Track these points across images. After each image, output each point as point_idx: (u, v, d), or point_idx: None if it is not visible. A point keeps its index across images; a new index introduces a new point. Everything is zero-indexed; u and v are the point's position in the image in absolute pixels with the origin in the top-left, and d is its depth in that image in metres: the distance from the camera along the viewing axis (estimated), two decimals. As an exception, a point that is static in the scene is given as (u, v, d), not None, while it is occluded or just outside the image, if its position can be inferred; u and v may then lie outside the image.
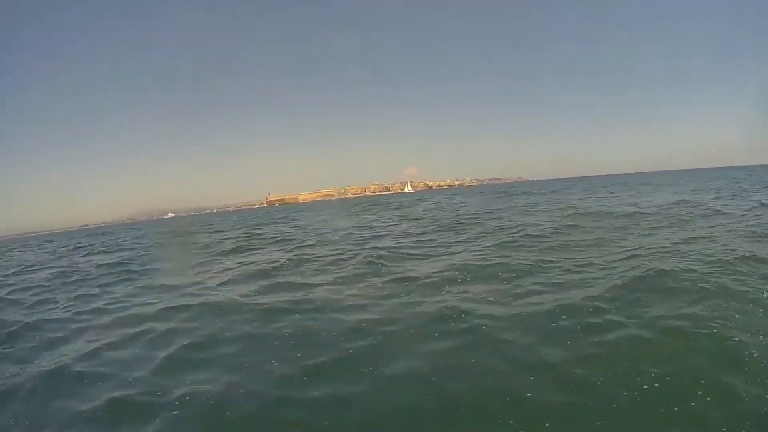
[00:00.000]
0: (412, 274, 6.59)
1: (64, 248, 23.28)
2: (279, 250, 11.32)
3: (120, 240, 24.67)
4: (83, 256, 16.79)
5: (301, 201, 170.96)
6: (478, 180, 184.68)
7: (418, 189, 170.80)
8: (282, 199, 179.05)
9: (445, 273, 6.40)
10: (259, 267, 8.61)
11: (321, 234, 14.53)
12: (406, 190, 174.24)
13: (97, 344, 4.83)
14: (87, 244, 24.74)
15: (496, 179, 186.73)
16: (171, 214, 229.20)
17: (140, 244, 19.59)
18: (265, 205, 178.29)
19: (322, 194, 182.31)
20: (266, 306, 5.51)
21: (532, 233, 9.56)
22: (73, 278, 10.16)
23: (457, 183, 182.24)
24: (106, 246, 20.57)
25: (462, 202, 26.74)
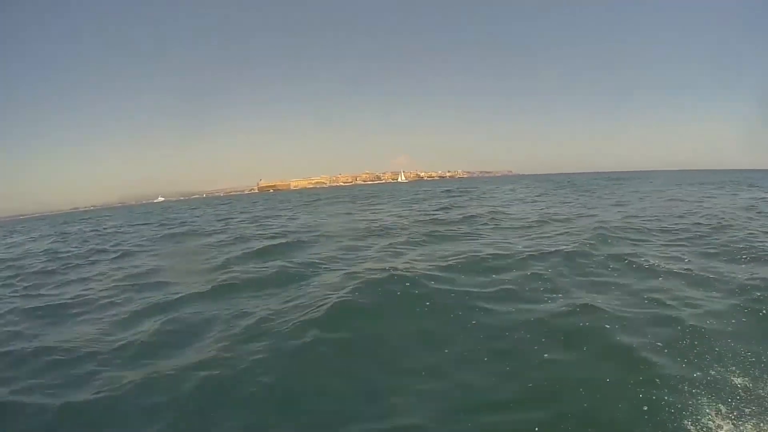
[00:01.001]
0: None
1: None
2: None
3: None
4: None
5: (293, 188, 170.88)
6: (468, 172, 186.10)
7: (411, 179, 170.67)
8: (274, 186, 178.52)
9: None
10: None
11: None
12: (400, 179, 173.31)
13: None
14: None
15: (486, 172, 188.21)
16: (161, 198, 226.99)
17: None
18: (257, 191, 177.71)
19: (313, 182, 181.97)
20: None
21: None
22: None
23: (448, 174, 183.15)
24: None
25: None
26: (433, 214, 15.97)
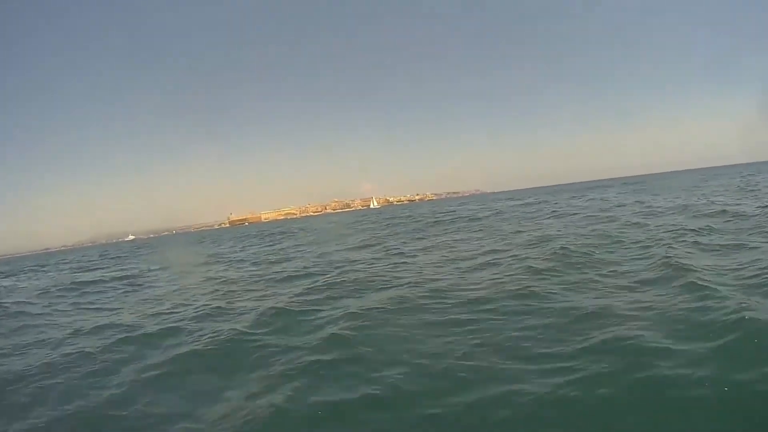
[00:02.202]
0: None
1: None
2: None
3: None
4: None
5: (263, 220, 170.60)
6: (436, 194, 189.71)
7: (382, 204, 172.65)
8: (244, 219, 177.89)
9: None
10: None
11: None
12: (372, 206, 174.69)
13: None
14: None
15: (454, 192, 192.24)
16: (131, 237, 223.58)
17: None
18: (228, 225, 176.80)
19: (283, 213, 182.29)
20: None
21: None
22: None
23: (417, 198, 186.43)
24: None
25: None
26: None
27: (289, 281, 9.03)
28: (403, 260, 10.09)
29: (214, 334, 5.25)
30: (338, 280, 7.94)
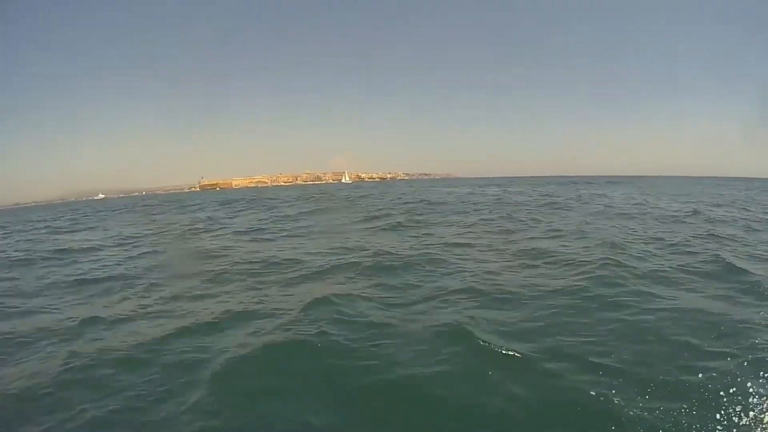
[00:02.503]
0: None
1: None
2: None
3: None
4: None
5: (234, 186, 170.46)
6: (408, 174, 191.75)
7: (353, 180, 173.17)
8: (215, 184, 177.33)
9: None
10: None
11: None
12: (343, 180, 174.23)
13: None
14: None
15: (425, 174, 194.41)
16: (101, 196, 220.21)
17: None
18: (198, 189, 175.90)
19: (254, 181, 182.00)
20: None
21: None
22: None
23: (389, 176, 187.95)
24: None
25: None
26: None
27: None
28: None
29: None
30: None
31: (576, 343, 4.43)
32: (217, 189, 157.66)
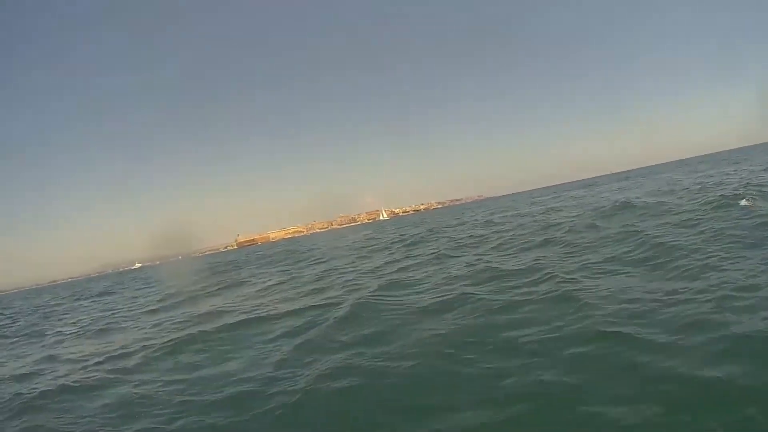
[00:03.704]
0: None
1: None
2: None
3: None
4: None
5: (272, 239, 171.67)
6: (440, 202, 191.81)
7: (390, 216, 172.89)
8: (252, 240, 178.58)
9: None
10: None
11: None
12: (380, 218, 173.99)
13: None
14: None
15: (456, 200, 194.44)
16: (138, 265, 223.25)
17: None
18: (235, 247, 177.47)
19: (291, 231, 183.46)
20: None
21: None
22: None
23: (422, 207, 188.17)
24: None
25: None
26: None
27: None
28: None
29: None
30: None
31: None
32: (257, 245, 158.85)
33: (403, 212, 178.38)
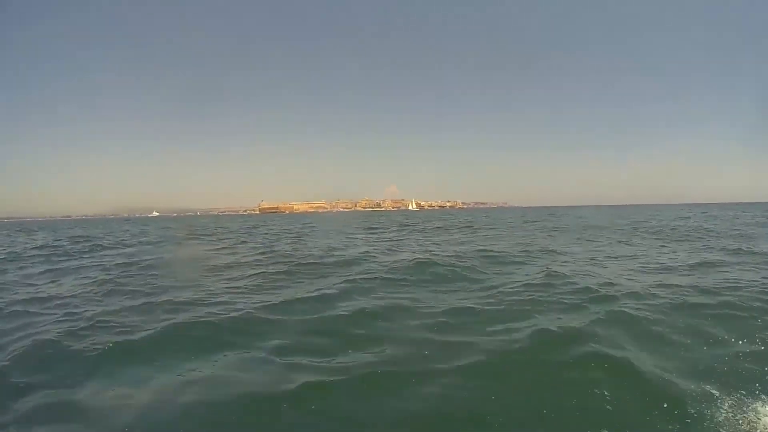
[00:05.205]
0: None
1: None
2: None
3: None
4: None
5: (295, 211, 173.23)
6: (465, 203, 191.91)
7: (419, 208, 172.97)
8: (276, 208, 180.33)
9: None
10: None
11: None
12: (410, 208, 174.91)
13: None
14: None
15: (481, 203, 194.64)
16: (155, 213, 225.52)
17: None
18: (257, 212, 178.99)
19: (314, 206, 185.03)
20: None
21: None
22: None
23: (448, 204, 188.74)
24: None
25: None
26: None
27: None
28: None
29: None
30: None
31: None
32: (279, 213, 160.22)
33: (429, 206, 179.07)
